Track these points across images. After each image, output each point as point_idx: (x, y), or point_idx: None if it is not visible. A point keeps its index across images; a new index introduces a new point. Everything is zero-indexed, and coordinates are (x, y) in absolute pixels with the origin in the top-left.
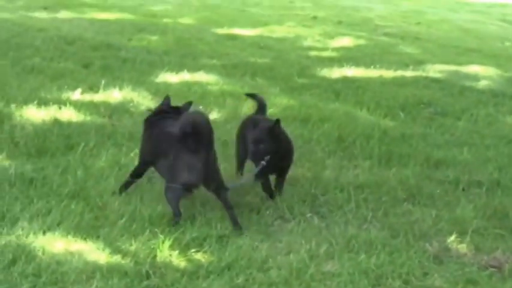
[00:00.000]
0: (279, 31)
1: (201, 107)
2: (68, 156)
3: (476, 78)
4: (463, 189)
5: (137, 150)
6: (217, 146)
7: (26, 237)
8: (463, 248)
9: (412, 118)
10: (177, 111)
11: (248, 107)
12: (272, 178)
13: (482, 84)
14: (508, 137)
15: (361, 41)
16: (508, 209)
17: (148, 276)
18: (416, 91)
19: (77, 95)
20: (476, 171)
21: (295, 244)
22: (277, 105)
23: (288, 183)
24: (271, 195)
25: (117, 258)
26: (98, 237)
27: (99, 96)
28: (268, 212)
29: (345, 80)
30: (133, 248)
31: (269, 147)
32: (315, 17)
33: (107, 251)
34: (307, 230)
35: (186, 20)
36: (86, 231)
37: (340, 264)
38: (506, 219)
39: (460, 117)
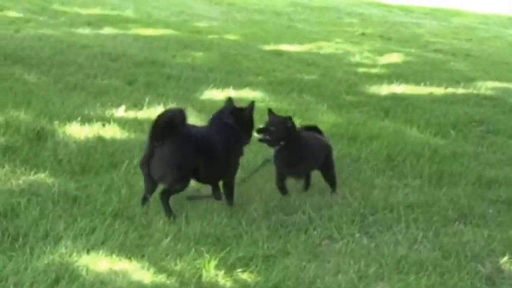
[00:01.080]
0: (326, 47)
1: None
2: (111, 174)
3: None
4: None
5: None
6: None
7: (70, 256)
8: None
9: (463, 136)
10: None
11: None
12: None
13: None
14: None
15: (411, 58)
16: None
17: None
18: (467, 109)
19: (121, 112)
20: None
21: (343, 264)
22: (325, 122)
23: (336, 203)
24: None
25: (162, 278)
26: (142, 256)
27: (143, 113)
28: (316, 232)
29: (394, 97)
30: (178, 267)
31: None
32: (363, 33)
33: (152, 270)
34: (355, 250)
35: (232, 36)
36: (131, 250)
37: (390, 285)
38: None
39: None
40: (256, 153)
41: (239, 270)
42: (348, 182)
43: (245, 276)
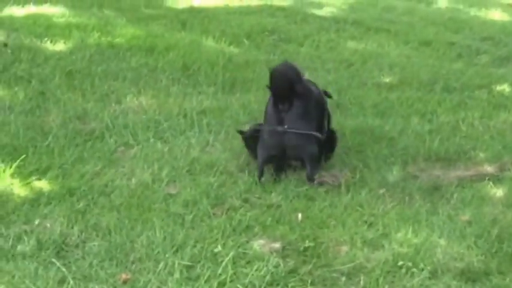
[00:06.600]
0: None
1: None
2: None
3: (319, 5)
4: None
5: None
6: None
7: None
8: None
9: (256, 45)
10: None
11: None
12: None
13: (325, 11)
14: (348, 61)
15: None
16: None
17: None
18: (261, 20)
19: None
20: None
21: (137, 168)
22: (124, 35)
23: (132, 111)
24: None
25: None
26: None
27: None
28: (112, 139)
29: (192, 10)
30: None
31: None
32: None
33: None
34: (150, 154)
35: None
36: None
37: (182, 185)
38: None
39: (303, 44)
40: None
41: (34, 178)
42: (145, 91)
43: (41, 184)
